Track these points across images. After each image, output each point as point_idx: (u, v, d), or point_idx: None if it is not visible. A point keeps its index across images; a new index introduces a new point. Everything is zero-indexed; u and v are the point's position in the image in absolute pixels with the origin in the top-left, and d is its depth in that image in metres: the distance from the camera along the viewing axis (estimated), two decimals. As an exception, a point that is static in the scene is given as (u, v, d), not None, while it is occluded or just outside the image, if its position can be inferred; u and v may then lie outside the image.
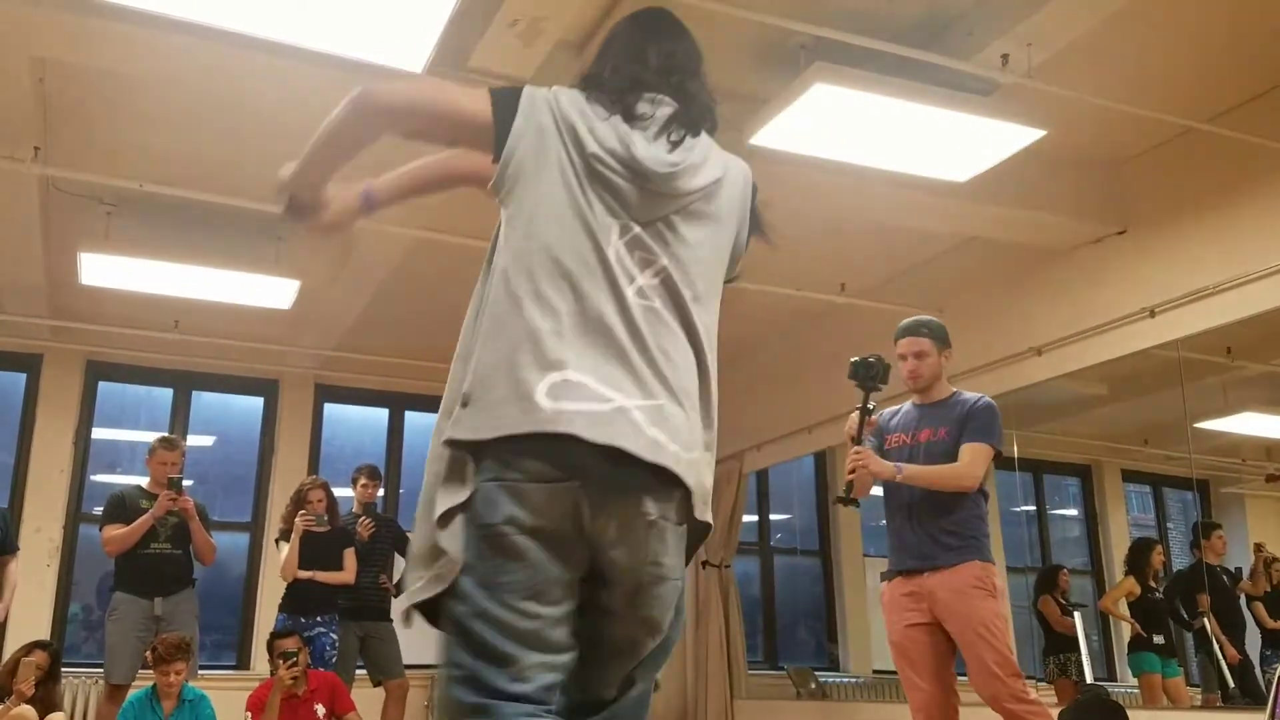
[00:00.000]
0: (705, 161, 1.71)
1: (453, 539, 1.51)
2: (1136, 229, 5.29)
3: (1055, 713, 4.68)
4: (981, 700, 3.38)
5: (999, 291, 6.06)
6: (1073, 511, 7.39)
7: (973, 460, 3.46)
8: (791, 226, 5.70)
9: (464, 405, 1.54)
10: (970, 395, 3.63)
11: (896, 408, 3.79)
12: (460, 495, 1.51)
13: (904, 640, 3.52)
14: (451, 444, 1.54)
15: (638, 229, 1.61)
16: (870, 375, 3.48)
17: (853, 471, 3.50)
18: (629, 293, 1.56)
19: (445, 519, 1.52)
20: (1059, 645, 6.02)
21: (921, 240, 6.07)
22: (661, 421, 1.51)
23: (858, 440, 3.53)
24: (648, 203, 1.62)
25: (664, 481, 1.51)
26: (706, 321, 1.66)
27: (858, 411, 3.53)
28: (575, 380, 1.49)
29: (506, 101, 1.65)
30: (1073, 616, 5.95)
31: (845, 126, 4.21)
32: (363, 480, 6.07)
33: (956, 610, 3.40)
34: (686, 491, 1.54)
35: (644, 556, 1.52)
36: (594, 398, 1.48)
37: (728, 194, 1.74)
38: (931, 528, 3.51)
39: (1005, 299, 6.01)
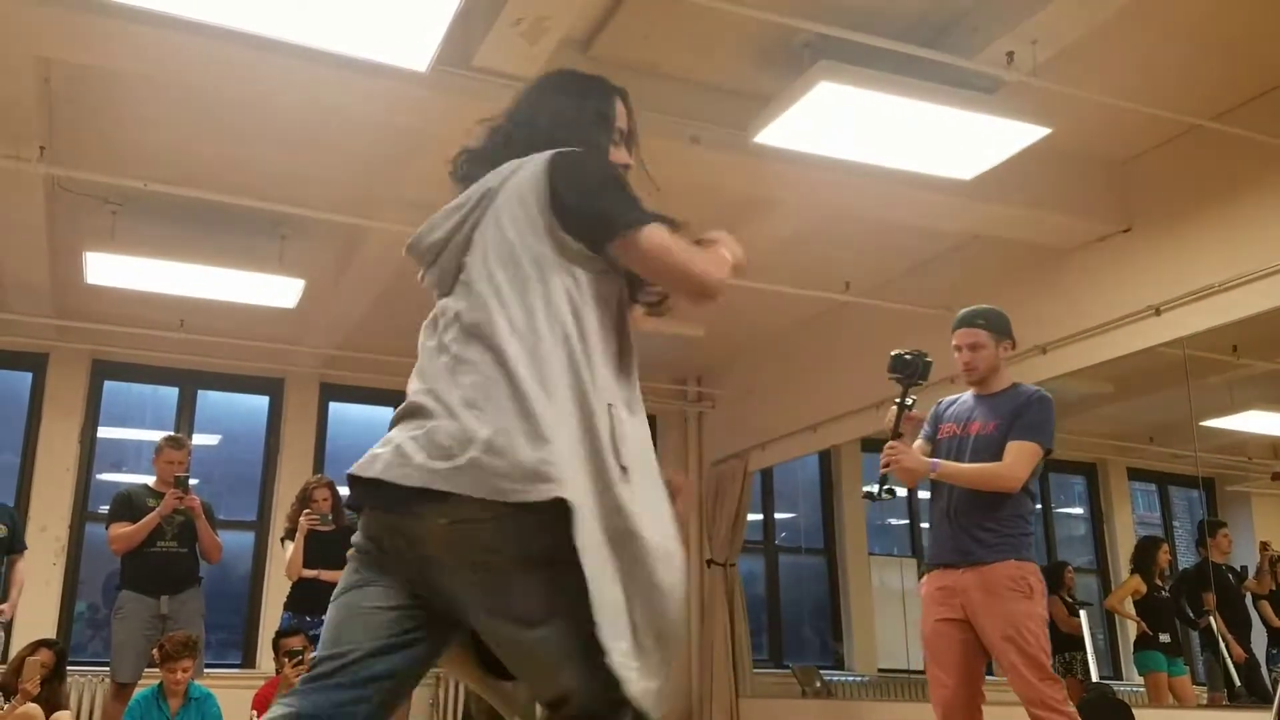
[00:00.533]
0: (469, 197, 1.84)
1: None
2: (1142, 227, 5.28)
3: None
4: (1021, 702, 3.27)
5: (1003, 290, 6.03)
6: (1078, 510, 7.38)
7: (1016, 460, 3.31)
8: (796, 224, 5.73)
9: None
10: (1027, 389, 3.49)
11: (955, 396, 3.68)
12: None
13: (933, 635, 3.41)
14: None
15: (446, 301, 1.80)
16: (909, 371, 3.43)
17: (886, 466, 3.39)
18: (440, 363, 1.72)
19: None
20: (1064, 644, 6.01)
21: (926, 238, 6.07)
22: (429, 443, 1.61)
23: (894, 435, 3.42)
24: (435, 275, 1.87)
25: (440, 495, 1.58)
26: (519, 315, 1.69)
27: (895, 406, 3.44)
28: (386, 437, 1.71)
29: None
30: (1079, 616, 5.94)
31: (850, 124, 4.21)
32: (368, 479, 6.08)
33: (987, 609, 3.27)
34: (466, 496, 1.57)
35: (462, 557, 1.60)
36: (383, 443, 1.68)
37: (507, 193, 1.79)
38: (969, 524, 3.37)
39: (1010, 297, 5.95)
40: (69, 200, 5.51)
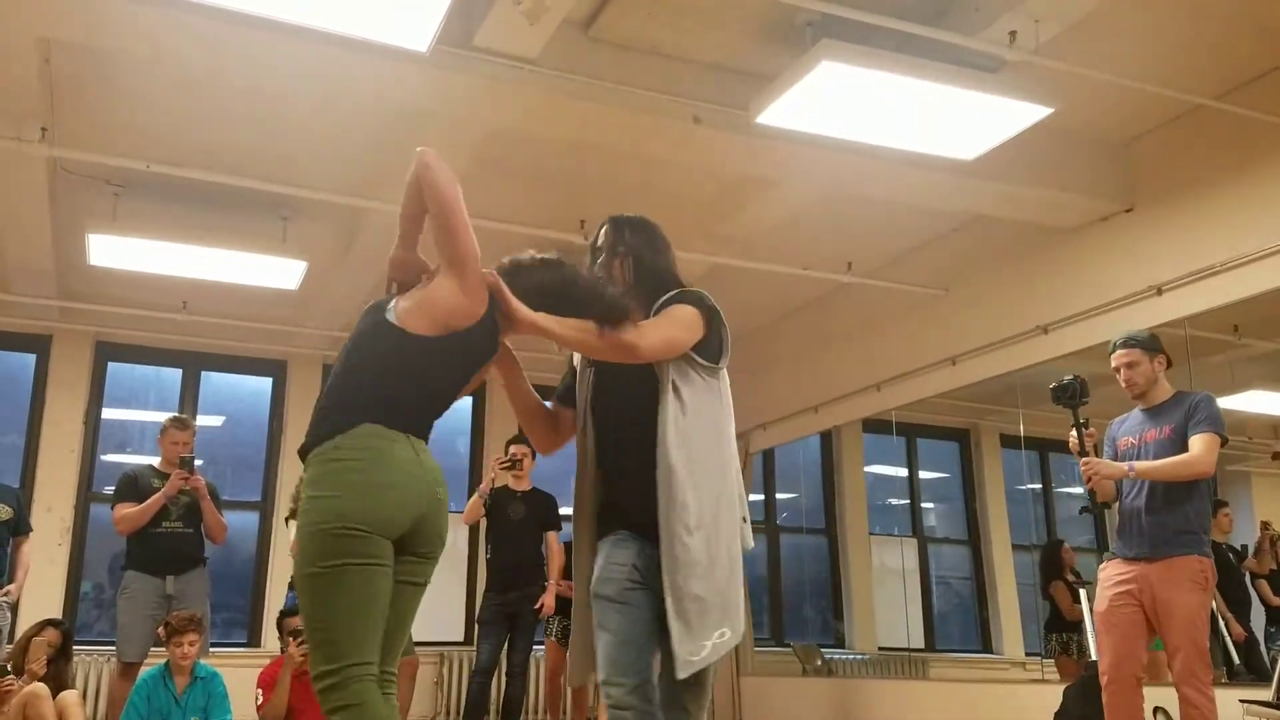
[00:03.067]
0: None
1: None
2: (1144, 206, 5.28)
3: (1061, 689, 4.72)
4: (1173, 680, 3.68)
5: (1005, 270, 6.05)
6: (1079, 490, 7.38)
7: (1203, 449, 3.72)
8: (798, 205, 5.73)
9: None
10: (1192, 393, 3.90)
11: (1124, 416, 4.08)
12: None
13: (1109, 611, 3.80)
14: None
15: None
16: (1071, 395, 3.97)
17: (1089, 480, 3.86)
18: None
19: None
20: (1061, 624, 6.04)
21: (928, 219, 6.06)
22: None
23: (1082, 453, 3.90)
24: None
25: None
26: None
27: (1075, 429, 3.94)
28: None
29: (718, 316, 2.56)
30: (1080, 598, 5.95)
31: (852, 104, 4.20)
32: (371, 460, 6.09)
33: (1169, 599, 3.67)
34: None
35: None
36: None
37: None
38: (1156, 522, 3.77)
39: (1012, 277, 6.00)
40: (71, 182, 5.51)
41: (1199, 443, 3.74)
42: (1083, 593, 5.31)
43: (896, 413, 7.02)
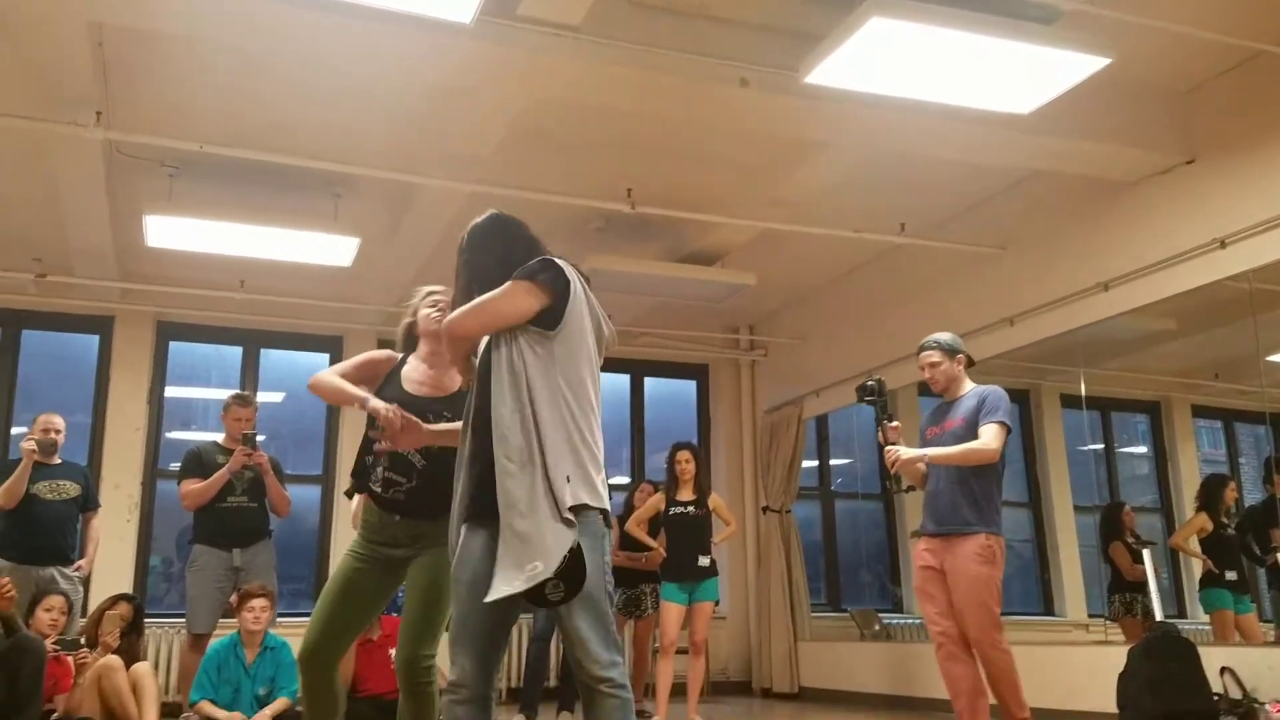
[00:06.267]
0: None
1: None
2: (1206, 157, 5.14)
3: (1125, 650, 4.66)
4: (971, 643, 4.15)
5: (1064, 226, 5.93)
6: (1142, 449, 7.27)
7: (989, 437, 4.14)
8: (849, 166, 5.65)
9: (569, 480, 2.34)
10: (983, 387, 4.33)
11: (934, 408, 4.51)
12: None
13: (921, 584, 4.31)
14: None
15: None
16: (872, 393, 4.37)
17: (893, 465, 4.25)
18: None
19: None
20: (1124, 585, 5.97)
21: (983, 176, 5.95)
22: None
23: (887, 443, 4.28)
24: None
25: None
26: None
27: (879, 424, 4.35)
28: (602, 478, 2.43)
29: (561, 282, 2.43)
30: (1143, 558, 5.88)
31: (903, 61, 4.12)
32: (428, 432, 6.15)
33: (954, 571, 4.15)
34: None
35: None
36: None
37: None
38: (947, 503, 4.21)
39: (1070, 234, 5.88)
40: (127, 164, 5.60)
41: (987, 431, 4.14)
42: (1145, 553, 5.25)
43: (953, 375, 6.92)
